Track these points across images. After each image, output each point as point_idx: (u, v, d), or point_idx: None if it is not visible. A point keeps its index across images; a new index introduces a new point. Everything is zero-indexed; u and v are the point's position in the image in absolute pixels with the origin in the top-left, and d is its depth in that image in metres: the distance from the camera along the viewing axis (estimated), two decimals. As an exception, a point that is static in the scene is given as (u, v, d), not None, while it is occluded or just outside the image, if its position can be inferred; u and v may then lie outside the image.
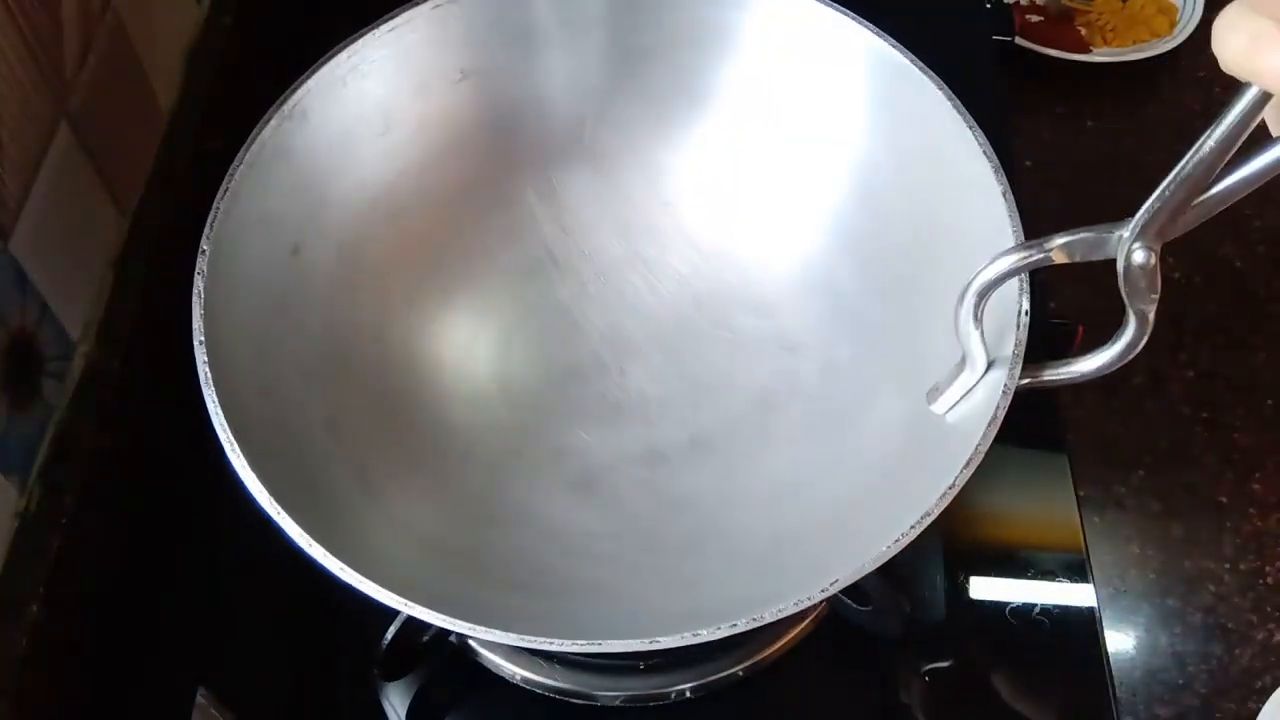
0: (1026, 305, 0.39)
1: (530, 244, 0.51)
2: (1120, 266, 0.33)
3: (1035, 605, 0.48)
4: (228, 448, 0.36)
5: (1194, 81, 0.91)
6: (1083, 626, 0.48)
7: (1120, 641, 0.63)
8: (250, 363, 0.40)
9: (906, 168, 0.46)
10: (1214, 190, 0.30)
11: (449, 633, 0.45)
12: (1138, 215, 0.32)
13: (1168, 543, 0.67)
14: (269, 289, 0.42)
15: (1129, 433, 0.71)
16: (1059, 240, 0.35)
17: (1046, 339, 0.40)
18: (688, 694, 0.46)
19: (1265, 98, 0.27)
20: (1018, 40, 0.82)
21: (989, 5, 0.68)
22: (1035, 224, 0.41)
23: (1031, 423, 0.38)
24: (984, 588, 0.49)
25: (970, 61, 0.64)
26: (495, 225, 0.50)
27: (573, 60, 0.50)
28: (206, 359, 0.37)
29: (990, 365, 0.38)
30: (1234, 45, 0.24)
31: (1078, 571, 0.49)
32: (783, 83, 0.49)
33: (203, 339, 0.38)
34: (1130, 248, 0.33)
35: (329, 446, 0.42)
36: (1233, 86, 0.28)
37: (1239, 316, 0.77)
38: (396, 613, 0.35)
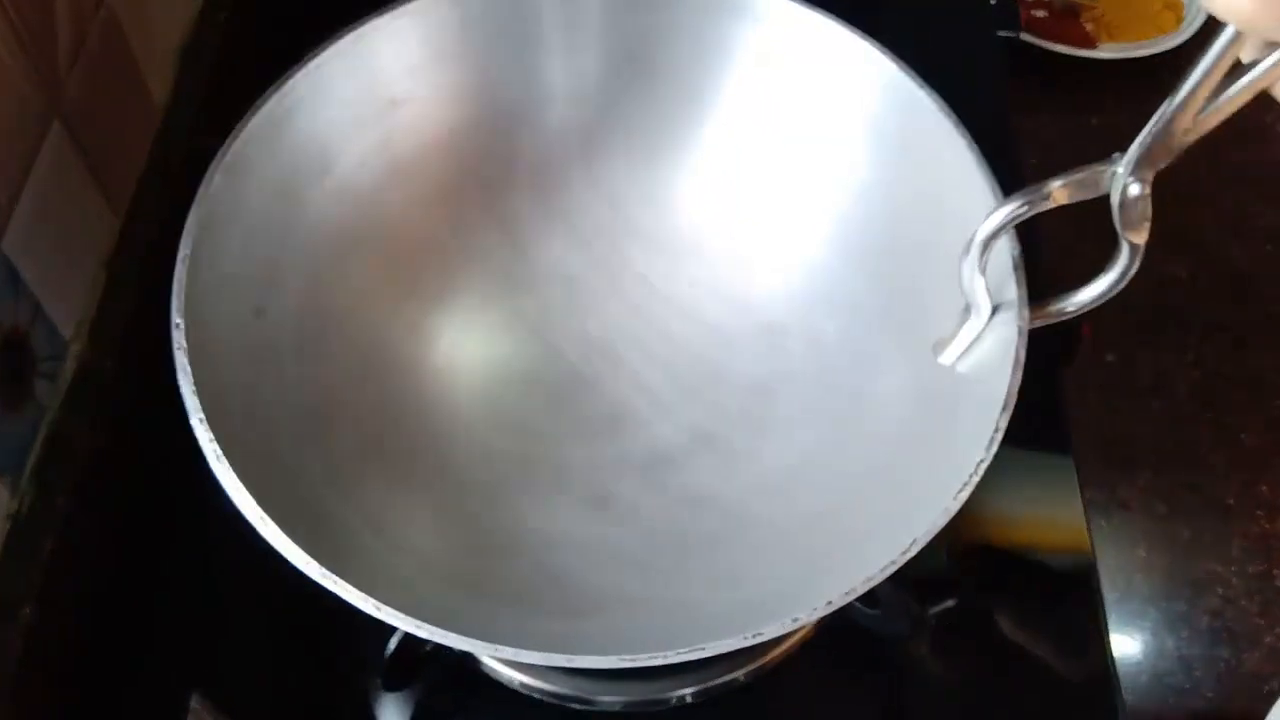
0: (1018, 250, 0.40)
1: (488, 267, 0.50)
2: (1115, 201, 0.36)
3: (1041, 609, 0.48)
4: (257, 522, 0.35)
5: (1200, 78, 0.90)
6: (1089, 630, 0.47)
7: (1127, 645, 0.63)
8: (240, 429, 0.39)
9: (896, 175, 0.46)
10: (1198, 119, 0.32)
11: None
12: (1129, 153, 0.34)
13: (1174, 546, 0.67)
14: (243, 352, 0.41)
15: (1134, 434, 0.71)
16: (1056, 183, 0.37)
17: (1050, 343, 0.41)
18: (688, 699, 0.45)
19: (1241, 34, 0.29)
20: (1023, 36, 0.82)
21: (994, 1, 0.67)
22: (1040, 223, 0.40)
23: (1036, 425, 0.38)
24: (989, 591, 0.49)
25: (975, 57, 0.64)
26: (453, 251, 0.50)
27: (506, 75, 0.49)
28: (212, 436, 0.36)
29: (995, 309, 0.40)
30: None
31: (1084, 575, 0.49)
32: (769, 92, 0.48)
33: (202, 417, 0.37)
34: (1125, 183, 0.35)
35: (333, 495, 0.41)
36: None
37: (1245, 317, 0.77)
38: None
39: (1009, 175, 0.42)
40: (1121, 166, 0.35)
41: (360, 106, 0.46)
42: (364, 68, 0.46)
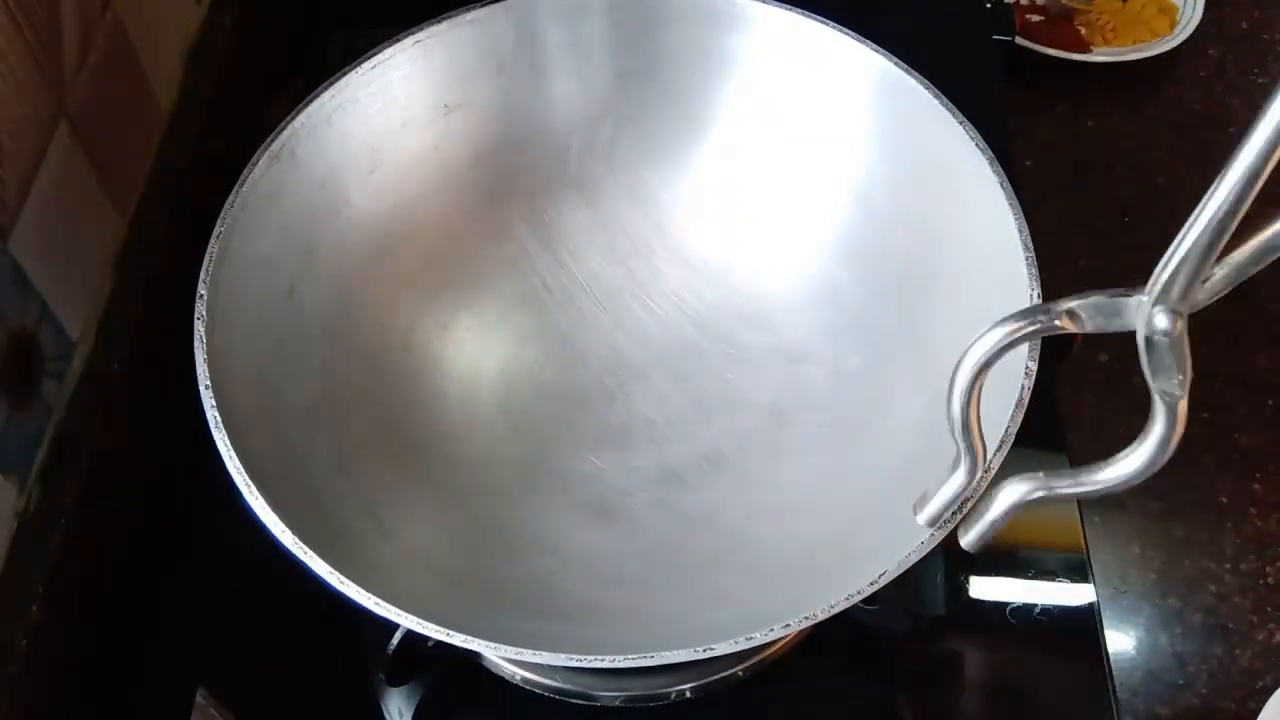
0: (1034, 367, 0.37)
1: (525, 274, 0.51)
2: (1141, 337, 0.29)
3: (1036, 605, 0.48)
4: (245, 490, 0.36)
5: (1195, 81, 0.91)
6: (1083, 626, 0.48)
7: (1120, 641, 0.63)
8: (253, 405, 0.39)
9: (906, 177, 0.46)
10: (1240, 250, 0.27)
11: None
12: (1155, 274, 0.28)
13: (1168, 543, 0.67)
14: (267, 332, 0.42)
15: (1129, 432, 0.71)
16: (1067, 304, 0.30)
17: (1045, 341, 0.41)
18: (688, 694, 0.46)
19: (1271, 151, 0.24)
20: (1018, 40, 0.82)
21: (989, 5, 0.68)
22: (1034, 224, 0.41)
23: (1031, 422, 0.38)
24: (985, 588, 0.49)
25: (970, 61, 0.64)
26: (489, 257, 0.51)
27: (557, 90, 0.50)
28: (215, 404, 0.37)
29: (987, 470, 0.34)
30: None
31: (1078, 571, 0.49)
32: (778, 101, 0.49)
33: (208, 384, 0.37)
34: (1151, 311, 0.28)
35: (338, 484, 0.42)
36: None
37: (1239, 316, 0.77)
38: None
39: (1004, 178, 0.42)
40: (1147, 294, 0.28)
41: (414, 109, 0.47)
42: (421, 72, 0.46)
